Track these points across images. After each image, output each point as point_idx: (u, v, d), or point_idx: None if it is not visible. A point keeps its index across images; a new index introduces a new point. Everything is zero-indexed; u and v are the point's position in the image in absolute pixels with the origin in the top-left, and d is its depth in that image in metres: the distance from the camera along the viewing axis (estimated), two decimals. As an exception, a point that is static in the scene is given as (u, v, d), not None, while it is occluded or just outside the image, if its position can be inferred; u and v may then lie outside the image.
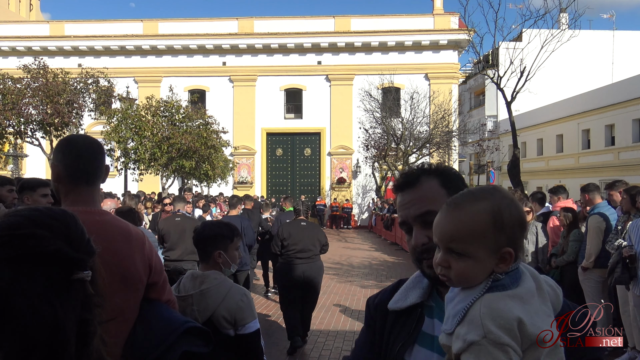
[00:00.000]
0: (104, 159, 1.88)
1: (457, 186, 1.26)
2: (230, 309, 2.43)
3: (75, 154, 1.79)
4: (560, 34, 12.29)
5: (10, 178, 4.39)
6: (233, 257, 2.63)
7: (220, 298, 2.45)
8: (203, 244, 2.63)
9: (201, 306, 2.45)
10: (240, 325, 2.44)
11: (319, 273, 6.19)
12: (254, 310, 2.53)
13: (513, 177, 11.91)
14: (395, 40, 27.10)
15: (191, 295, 2.48)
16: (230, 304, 2.44)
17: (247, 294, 2.56)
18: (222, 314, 2.43)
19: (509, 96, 12.01)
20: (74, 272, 1.01)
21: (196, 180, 19.60)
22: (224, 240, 2.60)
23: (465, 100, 40.06)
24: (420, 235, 1.23)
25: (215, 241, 2.59)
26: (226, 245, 2.60)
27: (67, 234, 1.04)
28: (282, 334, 6.46)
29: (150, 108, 16.48)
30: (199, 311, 2.44)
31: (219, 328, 2.43)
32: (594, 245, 5.77)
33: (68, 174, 1.79)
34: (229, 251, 2.60)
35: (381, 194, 25.33)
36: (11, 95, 16.78)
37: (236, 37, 27.74)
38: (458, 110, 25.97)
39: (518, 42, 14.53)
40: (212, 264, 2.58)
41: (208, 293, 2.46)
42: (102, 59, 27.53)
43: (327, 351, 6.12)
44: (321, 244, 6.25)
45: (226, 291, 2.48)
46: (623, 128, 24.15)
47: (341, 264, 13.62)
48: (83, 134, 11.09)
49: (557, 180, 26.84)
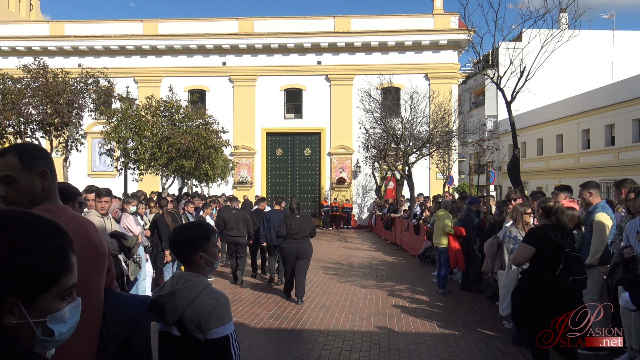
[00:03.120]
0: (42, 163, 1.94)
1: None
2: (197, 312, 2.38)
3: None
4: (560, 34, 12.26)
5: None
6: (213, 254, 2.60)
7: (188, 300, 2.41)
8: (182, 250, 2.58)
9: (172, 306, 2.43)
10: (205, 330, 2.38)
11: (309, 249, 8.96)
12: (223, 315, 2.41)
13: (513, 177, 11.88)
14: (395, 40, 27.10)
15: (163, 295, 2.48)
16: (198, 307, 2.39)
17: (218, 299, 2.44)
18: (190, 316, 2.39)
19: (509, 96, 11.99)
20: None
21: (196, 180, 19.59)
22: (201, 241, 2.56)
23: (465, 100, 40.07)
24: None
25: (193, 245, 2.55)
26: (204, 245, 2.56)
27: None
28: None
29: (150, 108, 16.47)
30: (170, 311, 2.43)
31: (188, 330, 2.41)
32: (601, 242, 5.76)
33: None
34: (208, 250, 2.57)
35: (381, 194, 25.32)
36: (11, 95, 16.76)
37: (236, 37, 27.73)
38: (458, 110, 25.95)
39: (518, 42, 14.51)
40: (195, 267, 2.55)
41: (178, 294, 2.44)
42: (102, 59, 27.53)
43: (327, 351, 6.11)
44: (310, 230, 9.10)
45: (196, 294, 2.43)
46: (623, 128, 24.15)
47: (341, 264, 13.61)
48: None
49: (557, 180, 26.84)
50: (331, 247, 17.69)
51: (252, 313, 7.98)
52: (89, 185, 6.39)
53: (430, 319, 7.69)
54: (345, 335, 6.81)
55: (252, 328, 7.10)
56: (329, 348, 6.23)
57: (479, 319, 7.65)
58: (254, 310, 8.20)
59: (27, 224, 1.13)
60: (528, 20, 12.42)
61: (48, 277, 1.12)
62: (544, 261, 4.44)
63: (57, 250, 1.14)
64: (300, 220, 8.94)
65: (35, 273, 1.10)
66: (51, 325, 1.14)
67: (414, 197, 17.98)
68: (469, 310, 8.26)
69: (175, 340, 2.46)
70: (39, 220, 1.16)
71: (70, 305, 1.18)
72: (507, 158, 17.55)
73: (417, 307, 8.52)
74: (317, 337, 6.68)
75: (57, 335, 1.16)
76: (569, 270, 4.38)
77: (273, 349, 6.17)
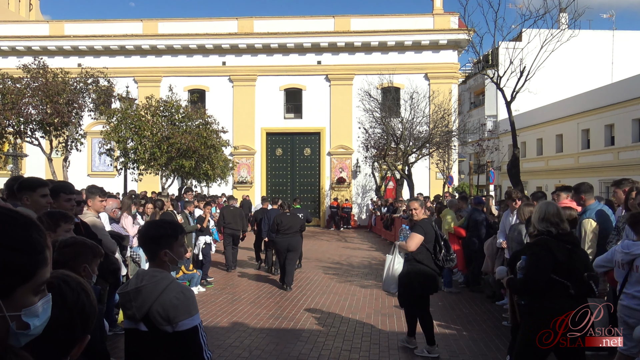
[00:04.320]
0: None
1: None
2: (164, 306, 2.43)
3: None
4: (560, 34, 12.27)
5: (45, 181, 4.32)
6: (179, 253, 2.64)
7: (155, 295, 2.46)
8: (148, 244, 2.64)
9: (138, 302, 2.48)
10: (174, 323, 2.43)
11: (298, 243, 10.33)
12: (190, 307, 2.49)
13: (513, 177, 11.90)
14: (395, 40, 27.10)
15: (128, 291, 2.52)
16: (164, 300, 2.44)
17: (184, 292, 2.53)
18: (157, 310, 2.44)
19: (509, 96, 12.00)
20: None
21: (196, 180, 19.60)
22: (168, 239, 2.60)
23: (465, 100, 40.07)
24: None
25: (160, 241, 2.59)
26: (171, 243, 2.60)
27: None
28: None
29: (149, 108, 16.48)
30: (136, 307, 2.48)
31: (156, 325, 2.45)
32: (593, 248, 5.74)
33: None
34: (174, 249, 2.61)
35: (381, 193, 25.32)
36: (11, 95, 16.77)
37: (236, 37, 27.73)
38: (458, 110, 25.95)
39: (518, 42, 14.52)
40: (159, 263, 2.60)
41: (144, 290, 2.48)
42: (102, 59, 27.52)
43: (326, 351, 6.11)
44: (299, 225, 10.31)
45: (162, 288, 2.48)
46: (623, 128, 24.15)
47: (341, 264, 13.61)
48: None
49: (557, 180, 26.84)
50: (331, 247, 17.69)
51: (252, 313, 7.97)
52: (90, 185, 6.39)
53: (430, 318, 7.69)
54: (345, 335, 6.81)
55: (252, 328, 7.10)
56: (328, 348, 6.23)
57: (478, 319, 7.65)
58: (254, 310, 8.20)
59: (4, 218, 1.13)
60: (528, 20, 12.45)
61: (25, 270, 1.12)
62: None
63: (34, 244, 1.14)
64: (291, 218, 10.21)
65: (13, 266, 1.10)
66: (26, 319, 1.14)
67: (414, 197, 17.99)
68: (469, 309, 8.26)
69: (143, 336, 2.51)
70: (15, 214, 1.15)
71: (43, 300, 1.19)
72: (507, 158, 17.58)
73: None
74: (317, 337, 6.68)
75: (32, 329, 1.16)
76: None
77: (273, 349, 6.17)
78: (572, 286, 3.71)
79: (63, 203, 4.35)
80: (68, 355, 1.31)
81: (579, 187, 6.29)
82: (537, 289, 3.77)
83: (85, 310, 1.38)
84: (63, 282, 1.39)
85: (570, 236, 3.94)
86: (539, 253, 3.77)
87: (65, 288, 1.37)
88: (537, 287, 3.76)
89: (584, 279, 3.75)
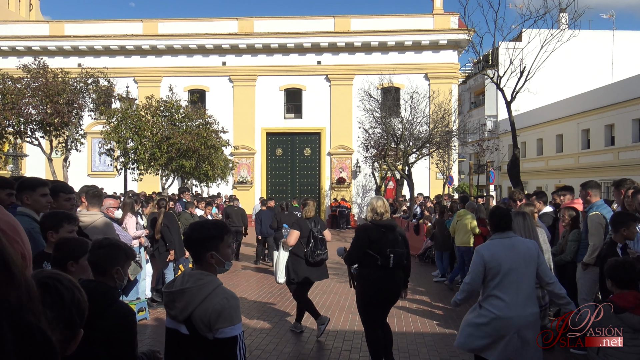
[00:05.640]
0: None
1: None
2: (207, 311, 2.36)
3: None
4: (560, 34, 12.27)
5: (10, 180, 4.36)
6: (226, 255, 2.57)
7: (199, 299, 2.39)
8: (194, 247, 2.56)
9: (181, 304, 2.42)
10: (214, 329, 2.36)
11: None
12: (234, 315, 2.40)
13: (513, 177, 11.90)
14: (395, 40, 27.10)
15: (172, 292, 2.47)
16: (208, 306, 2.37)
17: (229, 298, 2.43)
18: (200, 315, 2.37)
19: (509, 96, 12.00)
20: None
21: (196, 180, 19.61)
22: (214, 240, 2.52)
23: (465, 100, 40.07)
24: None
25: (206, 243, 2.51)
26: (217, 245, 2.52)
27: None
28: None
29: (150, 108, 16.48)
30: (179, 309, 2.42)
31: (197, 329, 2.39)
32: (597, 241, 5.77)
33: None
34: (221, 250, 2.53)
35: (381, 193, 25.32)
36: (11, 95, 16.77)
37: (236, 37, 27.73)
38: (458, 110, 25.94)
39: (518, 42, 14.52)
40: (206, 266, 2.52)
41: (188, 292, 2.42)
42: (102, 59, 27.52)
43: (326, 351, 6.12)
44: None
45: (207, 293, 2.40)
46: (623, 128, 24.14)
47: (341, 263, 13.58)
48: None
49: (557, 180, 26.86)
50: (331, 247, 17.65)
51: (252, 313, 7.98)
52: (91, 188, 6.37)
53: (430, 318, 7.70)
54: (345, 335, 6.81)
55: (252, 328, 7.10)
56: (329, 348, 6.23)
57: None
58: (254, 310, 8.20)
59: None
60: (528, 20, 12.44)
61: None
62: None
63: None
64: (288, 216, 11.48)
65: None
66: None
67: (414, 197, 17.99)
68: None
69: (183, 339, 2.45)
70: None
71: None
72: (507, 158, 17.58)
73: (417, 307, 8.52)
74: (317, 336, 6.68)
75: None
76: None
77: (273, 349, 6.17)
78: (380, 259, 4.96)
79: (63, 203, 4.35)
80: (70, 351, 1.32)
81: (587, 183, 6.38)
82: (356, 260, 5.18)
83: (81, 307, 1.39)
84: (57, 281, 1.40)
85: (385, 222, 5.10)
86: (358, 234, 5.16)
87: (61, 287, 1.38)
88: (356, 259, 5.15)
89: (387, 254, 4.94)
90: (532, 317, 3.90)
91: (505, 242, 4.00)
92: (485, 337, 3.92)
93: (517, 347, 3.81)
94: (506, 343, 3.81)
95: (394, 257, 4.96)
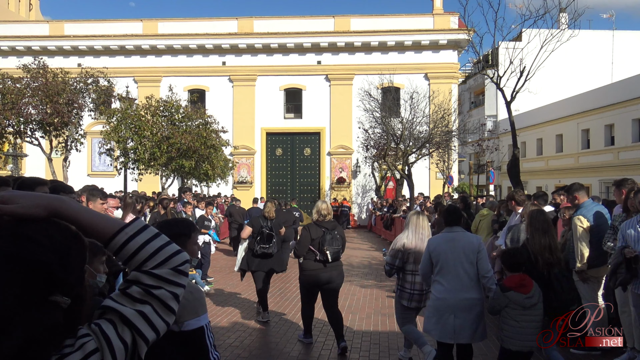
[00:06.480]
0: None
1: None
2: None
3: None
4: (560, 33, 12.26)
5: (8, 179, 4.35)
6: (192, 252, 2.64)
7: None
8: None
9: None
10: (179, 322, 2.44)
11: (291, 234, 11.30)
12: (198, 307, 2.51)
13: (513, 177, 11.90)
14: (394, 40, 27.10)
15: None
16: None
17: (193, 292, 2.53)
18: None
19: (509, 96, 11.99)
20: (53, 293, 0.98)
21: (196, 180, 19.61)
22: (180, 238, 2.54)
23: (464, 100, 40.06)
24: None
25: (173, 240, 2.57)
26: (184, 242, 2.56)
27: (64, 253, 1.02)
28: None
29: (149, 108, 16.49)
30: None
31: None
32: (583, 247, 5.74)
33: None
34: (188, 247, 2.58)
35: (381, 193, 25.31)
36: (11, 95, 16.76)
37: (236, 36, 27.73)
38: (458, 110, 25.94)
39: (518, 42, 14.51)
40: None
41: None
42: (102, 59, 27.51)
43: (326, 351, 6.12)
44: (293, 220, 12.45)
45: None
46: (623, 128, 24.14)
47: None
48: None
49: (556, 180, 26.86)
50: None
51: (252, 313, 7.97)
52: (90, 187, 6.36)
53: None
54: (345, 335, 6.80)
55: (252, 328, 7.10)
56: (329, 348, 6.23)
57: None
58: (254, 310, 8.19)
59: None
60: (528, 20, 12.43)
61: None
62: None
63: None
64: (285, 214, 12.19)
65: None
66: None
67: (414, 197, 17.99)
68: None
69: None
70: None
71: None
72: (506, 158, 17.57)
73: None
74: (316, 337, 6.67)
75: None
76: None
77: (273, 349, 6.17)
78: (319, 255, 5.92)
79: None
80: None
81: (570, 187, 6.42)
82: (301, 255, 6.06)
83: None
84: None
85: (326, 223, 6.03)
86: (303, 233, 6.08)
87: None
88: (301, 254, 6.04)
89: (324, 251, 5.85)
90: (468, 302, 4.32)
91: (448, 235, 4.55)
92: (431, 317, 4.50)
93: (454, 327, 4.30)
94: (444, 322, 4.34)
95: (330, 253, 5.87)
